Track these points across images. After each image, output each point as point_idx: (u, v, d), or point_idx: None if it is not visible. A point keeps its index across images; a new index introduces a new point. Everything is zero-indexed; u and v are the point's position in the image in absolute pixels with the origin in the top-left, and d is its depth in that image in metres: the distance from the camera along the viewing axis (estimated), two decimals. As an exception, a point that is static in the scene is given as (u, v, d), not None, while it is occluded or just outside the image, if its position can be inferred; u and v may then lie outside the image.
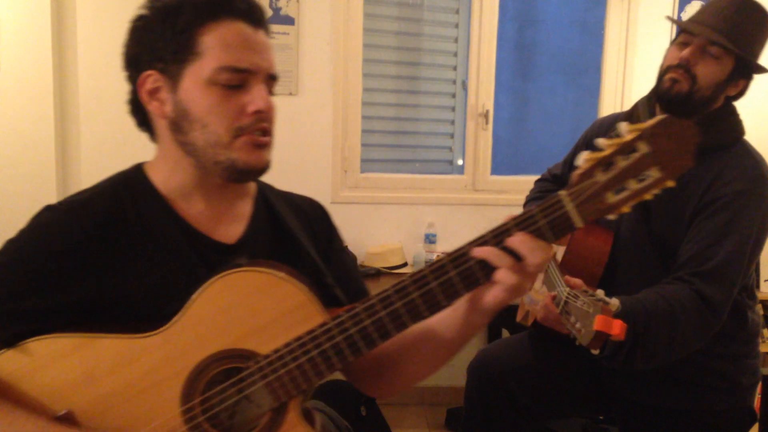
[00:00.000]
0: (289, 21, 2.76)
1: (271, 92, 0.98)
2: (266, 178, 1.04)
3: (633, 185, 0.79)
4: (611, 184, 0.79)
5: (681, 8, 2.94)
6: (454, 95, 3.11)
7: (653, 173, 0.79)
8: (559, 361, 1.61)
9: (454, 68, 3.08)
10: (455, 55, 3.06)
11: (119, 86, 1.02)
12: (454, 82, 3.09)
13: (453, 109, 3.13)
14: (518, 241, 0.80)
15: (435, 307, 0.84)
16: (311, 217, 1.13)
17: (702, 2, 2.94)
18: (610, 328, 1.01)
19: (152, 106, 0.95)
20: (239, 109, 0.92)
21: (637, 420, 1.58)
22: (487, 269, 0.82)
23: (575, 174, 0.80)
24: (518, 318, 1.88)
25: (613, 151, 0.79)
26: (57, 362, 0.86)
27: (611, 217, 0.81)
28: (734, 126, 1.51)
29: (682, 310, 1.34)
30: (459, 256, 0.82)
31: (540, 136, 3.31)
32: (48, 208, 0.94)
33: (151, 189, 0.98)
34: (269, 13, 2.74)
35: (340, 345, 0.85)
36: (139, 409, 0.87)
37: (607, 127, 1.69)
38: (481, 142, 3.01)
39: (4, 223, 2.61)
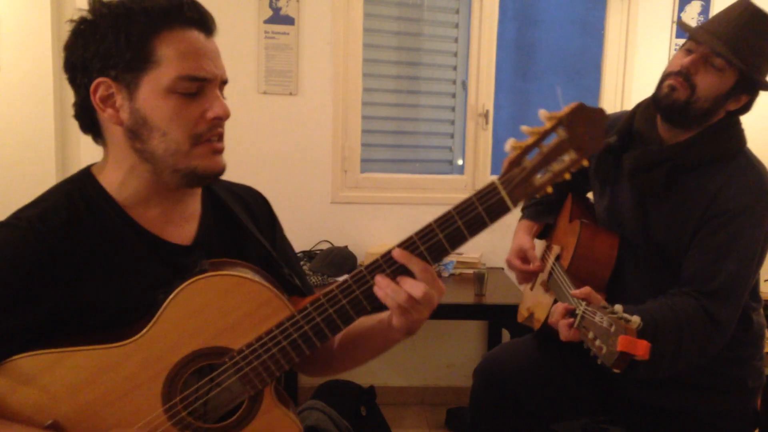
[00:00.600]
0: (289, 21, 2.76)
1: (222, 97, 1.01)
2: (267, 178, 1.05)
3: (554, 167, 0.89)
4: (537, 168, 0.89)
5: (681, 8, 2.94)
6: (454, 95, 3.11)
7: (570, 155, 0.89)
8: (565, 363, 1.61)
9: (454, 68, 3.08)
10: (455, 55, 3.06)
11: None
12: (454, 82, 3.09)
13: (453, 109, 3.13)
14: (403, 280, 0.92)
15: (357, 314, 0.95)
16: (253, 206, 1.17)
17: (702, 2, 2.94)
18: (635, 349, 1.00)
19: (107, 113, 0.95)
20: (198, 116, 0.95)
21: (643, 422, 1.58)
22: (374, 298, 0.93)
23: (505, 161, 0.91)
24: (520, 319, 1.88)
25: (537, 139, 0.89)
26: (38, 378, 0.89)
27: (539, 195, 0.91)
28: (736, 137, 1.48)
29: (688, 325, 1.33)
30: (359, 278, 0.93)
31: (540, 136, 3.31)
32: (4, 226, 0.93)
33: (106, 197, 0.98)
34: (269, 13, 2.74)
35: (308, 333, 0.93)
36: (122, 411, 0.92)
37: (608, 127, 1.68)
38: (481, 142, 3.01)
39: (4, 223, 2.62)
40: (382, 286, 0.91)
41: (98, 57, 0.92)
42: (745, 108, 1.48)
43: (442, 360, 3.06)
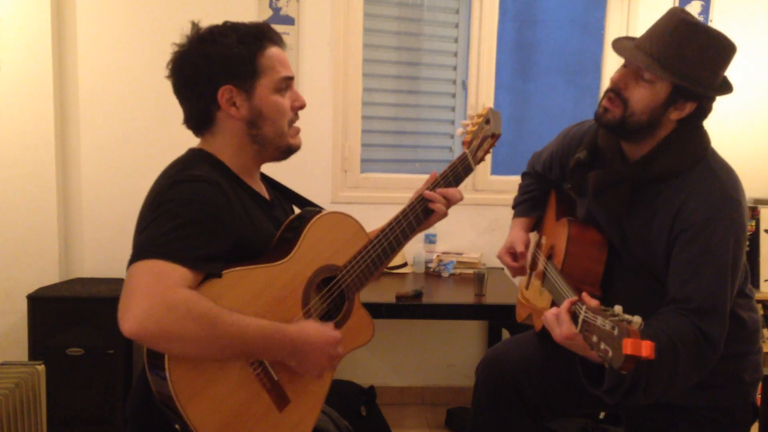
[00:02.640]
0: (289, 21, 2.76)
1: None
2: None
3: (485, 146, 1.57)
4: (479, 145, 1.57)
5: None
6: (454, 95, 3.11)
7: (489, 139, 1.57)
8: (567, 358, 1.61)
9: (454, 68, 3.08)
10: (455, 55, 3.06)
11: (119, 86, 1.02)
12: (454, 82, 3.09)
13: (453, 109, 3.13)
14: (441, 191, 1.52)
15: (419, 224, 1.54)
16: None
17: (702, 2, 2.94)
18: (640, 351, 1.00)
19: (231, 111, 1.28)
20: (289, 106, 1.34)
21: (643, 417, 1.58)
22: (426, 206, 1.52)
23: (465, 140, 1.60)
24: (520, 319, 1.88)
25: (478, 128, 1.59)
26: (234, 287, 1.17)
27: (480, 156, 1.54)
28: (695, 146, 1.47)
29: (683, 346, 1.32)
30: (419, 201, 1.52)
31: (540, 136, 3.31)
32: (194, 180, 1.20)
33: (227, 168, 1.32)
34: (269, 13, 2.74)
35: (380, 253, 1.43)
36: (283, 312, 1.25)
37: (578, 140, 1.69)
38: (481, 142, 3.00)
39: (4, 223, 2.62)
40: (434, 198, 1.50)
41: (224, 69, 1.26)
42: (701, 113, 1.46)
43: (442, 360, 3.06)
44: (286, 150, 1.37)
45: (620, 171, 1.50)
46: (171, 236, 1.12)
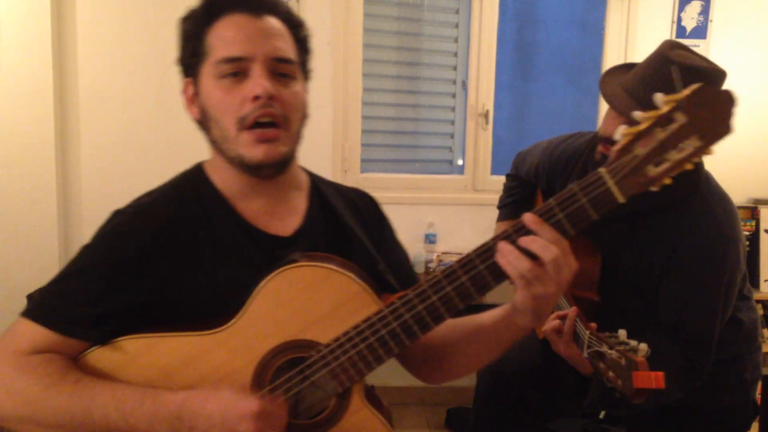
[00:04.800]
0: (289, 21, 2.76)
1: (286, 76, 0.98)
2: None
3: (673, 156, 0.80)
4: (651, 157, 0.80)
5: (681, 8, 2.94)
6: (454, 95, 3.10)
7: (693, 142, 0.79)
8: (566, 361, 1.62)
9: (454, 68, 3.07)
10: (455, 55, 3.06)
11: (119, 86, 1.02)
12: (454, 82, 3.09)
13: (453, 109, 3.12)
14: (529, 239, 0.83)
15: (479, 292, 0.88)
16: (362, 207, 1.16)
17: (702, 2, 2.94)
18: (651, 383, 1.00)
19: (191, 111, 1.01)
20: (242, 99, 0.93)
21: (646, 417, 1.59)
22: (498, 273, 0.86)
23: (614, 149, 0.81)
24: None
25: (651, 124, 0.79)
26: (136, 360, 0.92)
27: (654, 188, 0.82)
28: (685, 179, 1.46)
29: (672, 375, 1.33)
30: (487, 251, 0.87)
31: (540, 136, 3.31)
32: (117, 213, 0.98)
33: (213, 190, 1.01)
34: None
35: (396, 330, 0.89)
36: None
37: (567, 159, 1.65)
38: (481, 142, 3.01)
39: (4, 223, 2.62)
40: (505, 253, 0.84)
41: (180, 60, 1.00)
42: None
43: (442, 360, 3.05)
44: (240, 163, 0.96)
45: (619, 208, 1.48)
46: (54, 288, 0.95)
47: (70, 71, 2.67)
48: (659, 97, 0.80)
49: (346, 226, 1.08)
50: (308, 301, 0.92)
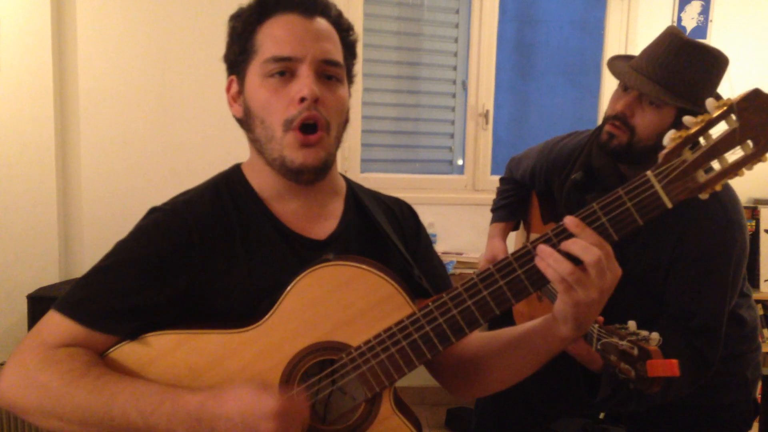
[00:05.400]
0: (289, 21, 2.76)
1: (333, 78, 0.97)
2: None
3: (724, 162, 0.78)
4: (700, 162, 0.78)
5: (681, 8, 2.94)
6: (454, 95, 3.10)
7: (745, 148, 0.76)
8: (570, 360, 1.62)
9: (454, 68, 3.08)
10: (455, 55, 3.06)
11: (119, 86, 1.02)
12: (454, 82, 3.09)
13: (453, 109, 3.12)
14: (570, 242, 0.80)
15: (516, 297, 0.85)
16: (399, 215, 1.14)
17: (702, 2, 2.94)
18: (666, 371, 0.99)
19: (234, 109, 1.00)
20: (288, 99, 0.93)
21: (647, 416, 1.59)
22: (537, 277, 0.83)
23: (662, 154, 0.79)
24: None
25: (700, 128, 0.77)
26: (164, 357, 0.89)
27: (703, 196, 0.79)
28: None
29: (680, 365, 1.34)
30: (525, 254, 0.83)
31: (540, 136, 3.31)
32: (154, 210, 0.97)
33: (250, 191, 1.01)
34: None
35: (430, 334, 0.87)
36: None
37: (566, 157, 1.65)
38: (481, 142, 3.00)
39: (4, 222, 2.62)
40: (545, 256, 0.80)
41: (226, 57, 0.99)
42: None
43: (442, 360, 3.05)
44: (282, 165, 0.94)
45: None
46: (85, 282, 0.93)
47: (70, 71, 2.67)
48: (710, 102, 0.78)
49: (382, 232, 1.06)
50: (340, 301, 0.89)
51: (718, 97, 1.46)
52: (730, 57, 1.43)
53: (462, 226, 2.97)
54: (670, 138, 0.79)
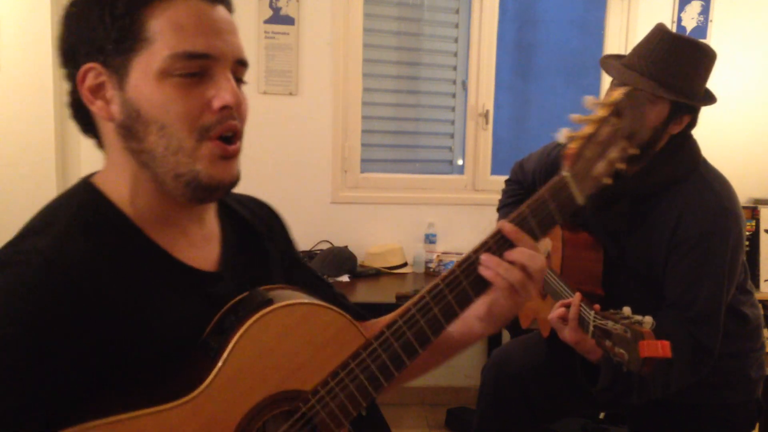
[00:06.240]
0: (289, 21, 2.76)
1: (240, 81, 0.82)
2: (268, 178, 0.97)
3: (610, 155, 0.88)
4: (597, 158, 0.87)
5: (681, 8, 2.94)
6: (454, 95, 3.10)
7: (622, 144, 0.88)
8: (573, 358, 1.62)
9: (454, 68, 3.07)
10: (455, 55, 3.06)
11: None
12: (454, 82, 3.09)
13: (453, 109, 3.12)
14: (517, 252, 0.84)
15: (462, 308, 0.86)
16: (267, 221, 1.02)
17: (702, 2, 2.94)
18: (658, 352, 1.01)
19: (96, 107, 0.79)
20: (202, 104, 0.76)
21: (648, 415, 1.59)
22: (481, 286, 0.85)
23: (568, 153, 0.87)
24: (524, 325, 1.88)
25: (596, 128, 0.86)
26: None
27: (607, 180, 0.88)
28: (688, 156, 1.50)
29: (678, 353, 1.35)
30: (470, 266, 0.85)
31: (540, 136, 3.31)
32: (7, 265, 0.72)
33: (119, 214, 0.81)
34: (269, 13, 2.74)
35: (386, 362, 0.83)
36: None
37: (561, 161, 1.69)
38: (481, 142, 3.01)
39: (4, 223, 2.61)
40: (492, 265, 0.83)
41: (84, 40, 0.78)
42: (693, 123, 1.49)
43: (442, 360, 3.05)
44: (191, 182, 0.78)
45: (616, 187, 1.50)
46: None
47: (70, 71, 2.67)
48: (590, 100, 0.88)
49: (265, 247, 0.97)
50: (294, 345, 0.79)
51: (707, 91, 1.49)
52: (730, 57, 1.45)
53: (462, 226, 2.97)
54: (566, 137, 0.87)
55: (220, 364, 0.74)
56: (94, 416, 0.68)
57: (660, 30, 1.45)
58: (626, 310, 1.14)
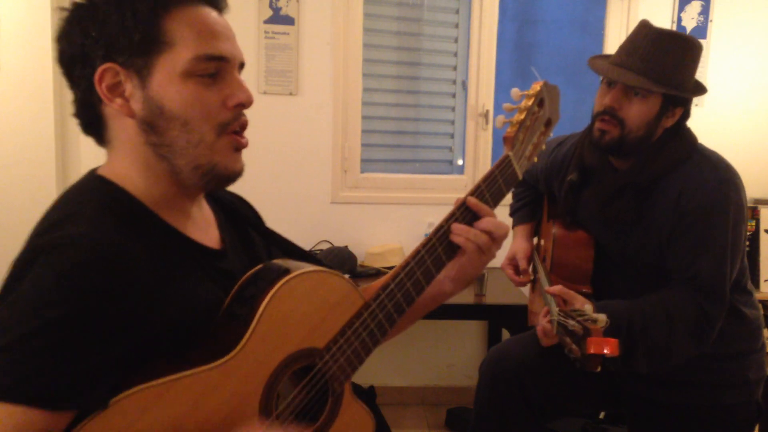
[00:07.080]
0: (289, 21, 2.76)
1: None
2: (268, 178, 1.03)
3: (534, 140, 1.10)
4: (527, 141, 1.10)
5: (681, 8, 2.94)
6: (454, 95, 3.11)
7: (541, 128, 1.11)
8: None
9: (454, 68, 3.08)
10: (455, 55, 3.06)
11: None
12: (454, 82, 3.09)
13: (453, 109, 3.12)
14: (485, 222, 1.02)
15: (438, 271, 1.02)
16: (239, 203, 1.15)
17: (702, 2, 2.94)
18: (603, 348, 1.06)
19: (116, 104, 0.85)
20: (219, 103, 0.87)
21: (648, 416, 1.59)
22: (452, 250, 1.03)
23: (506, 136, 1.08)
24: (531, 323, 1.88)
25: (526, 115, 1.08)
26: (144, 416, 0.77)
27: (534, 159, 1.13)
28: (684, 142, 1.51)
29: (680, 316, 1.37)
30: (443, 235, 1.02)
31: (540, 136, 3.31)
32: (55, 248, 0.78)
33: (136, 202, 0.88)
34: (269, 13, 2.74)
35: (382, 320, 0.97)
36: None
37: (560, 162, 1.71)
38: (481, 142, 3.01)
39: (4, 223, 2.62)
40: (462, 233, 1.01)
41: (101, 42, 0.84)
42: (686, 115, 1.51)
43: (442, 360, 3.06)
44: (208, 173, 0.88)
45: (617, 179, 1.51)
46: (12, 356, 0.72)
47: (70, 71, 2.67)
48: (516, 92, 1.08)
49: (248, 231, 1.09)
50: (310, 308, 0.90)
51: (697, 82, 1.51)
52: (729, 57, 1.46)
53: (462, 226, 2.97)
54: (503, 122, 1.09)
55: (252, 327, 0.84)
56: (140, 382, 0.77)
57: (644, 26, 1.48)
58: (588, 308, 1.17)
